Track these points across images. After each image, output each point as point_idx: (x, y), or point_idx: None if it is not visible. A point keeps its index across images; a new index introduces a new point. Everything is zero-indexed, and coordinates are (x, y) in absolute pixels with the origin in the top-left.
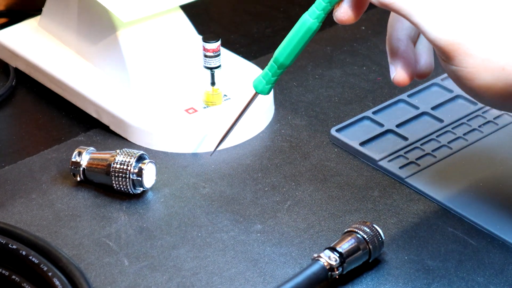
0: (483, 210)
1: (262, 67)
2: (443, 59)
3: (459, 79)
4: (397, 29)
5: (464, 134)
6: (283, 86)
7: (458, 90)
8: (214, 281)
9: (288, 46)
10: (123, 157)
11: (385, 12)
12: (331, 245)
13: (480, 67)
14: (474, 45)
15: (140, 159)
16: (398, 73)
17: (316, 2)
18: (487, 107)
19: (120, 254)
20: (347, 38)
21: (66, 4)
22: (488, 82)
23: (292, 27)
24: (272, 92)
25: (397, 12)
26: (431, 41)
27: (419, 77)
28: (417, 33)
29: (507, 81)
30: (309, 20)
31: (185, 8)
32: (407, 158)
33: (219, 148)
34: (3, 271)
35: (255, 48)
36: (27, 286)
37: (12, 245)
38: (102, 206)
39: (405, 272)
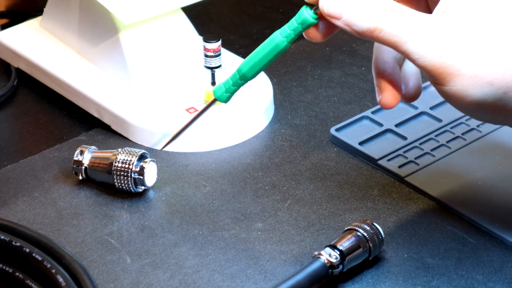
0: (482, 209)
1: None
2: (433, 81)
3: (450, 98)
4: (383, 52)
5: (463, 134)
6: (282, 86)
7: None
8: (215, 279)
9: (253, 59)
10: (125, 156)
11: None
12: (332, 243)
13: (469, 84)
14: (461, 63)
15: (141, 158)
16: (384, 96)
17: (289, 21)
18: None
19: (122, 251)
20: (346, 39)
21: (67, 5)
22: (478, 98)
23: None
24: (271, 92)
25: (383, 43)
26: (420, 67)
27: (408, 100)
28: (403, 56)
29: (496, 96)
30: (278, 37)
31: (184, 9)
32: (406, 157)
33: (167, 149)
34: (7, 268)
35: (254, 49)
36: (30, 283)
37: (15, 243)
38: (104, 205)
39: (405, 270)
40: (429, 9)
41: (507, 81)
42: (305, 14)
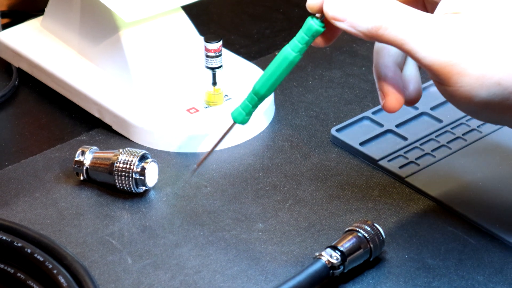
0: (483, 209)
1: (263, 68)
2: (438, 81)
3: (455, 99)
4: (384, 56)
5: (463, 134)
6: (283, 87)
7: None
8: (216, 279)
9: (269, 79)
10: (126, 156)
11: None
12: (333, 244)
13: (476, 84)
14: (468, 63)
15: (142, 158)
16: (388, 100)
17: (298, 36)
18: None
19: (124, 252)
20: (346, 39)
21: (68, 5)
22: (485, 98)
23: (291, 28)
24: (272, 93)
25: (389, 42)
26: (425, 66)
27: (409, 104)
28: (403, 59)
29: (503, 96)
30: (291, 54)
31: (185, 9)
32: (407, 158)
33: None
34: (9, 269)
35: (255, 49)
36: (32, 284)
37: (17, 243)
38: (105, 205)
39: (405, 271)
40: (426, 11)
41: None
42: (313, 24)
